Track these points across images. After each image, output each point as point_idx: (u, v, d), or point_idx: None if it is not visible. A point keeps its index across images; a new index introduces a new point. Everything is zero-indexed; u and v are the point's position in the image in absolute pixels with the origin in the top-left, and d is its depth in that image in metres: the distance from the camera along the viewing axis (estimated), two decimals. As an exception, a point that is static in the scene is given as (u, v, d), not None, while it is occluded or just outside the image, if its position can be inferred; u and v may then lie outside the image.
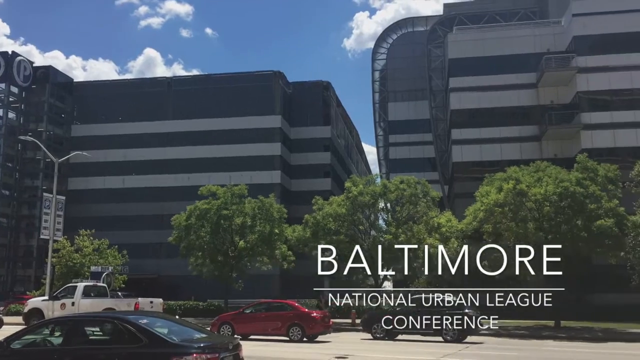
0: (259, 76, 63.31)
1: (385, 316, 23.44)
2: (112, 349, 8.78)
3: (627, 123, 44.05)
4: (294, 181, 63.54)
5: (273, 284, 53.24)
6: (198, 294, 43.20)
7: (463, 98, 49.93)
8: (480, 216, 30.61)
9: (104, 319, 9.78)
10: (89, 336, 9.35)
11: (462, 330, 21.77)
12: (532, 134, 48.44)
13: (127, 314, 11.14)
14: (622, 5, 46.07)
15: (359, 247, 25.66)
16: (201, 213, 34.25)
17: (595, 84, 45.77)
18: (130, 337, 8.63)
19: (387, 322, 23.15)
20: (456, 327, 21.72)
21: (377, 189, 33.46)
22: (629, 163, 38.02)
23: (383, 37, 73.66)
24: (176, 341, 8.67)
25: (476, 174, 43.77)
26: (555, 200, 28.85)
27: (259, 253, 34.63)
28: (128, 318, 9.08)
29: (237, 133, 60.35)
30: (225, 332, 22.37)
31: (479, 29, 54.06)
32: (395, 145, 68.64)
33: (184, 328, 9.76)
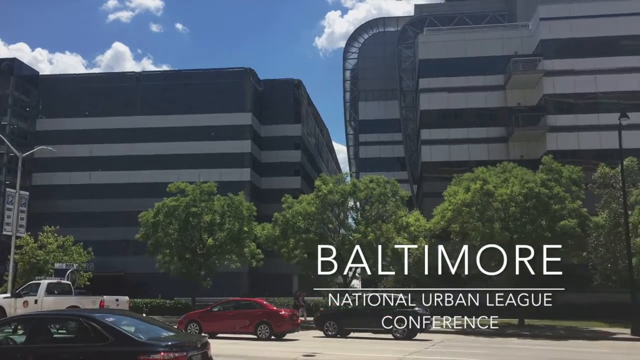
0: (230, 73, 62.88)
1: (337, 315, 23.79)
2: (77, 347, 8.63)
3: (591, 126, 45.10)
4: (264, 179, 63.33)
5: (242, 282, 53.02)
6: (165, 291, 42.76)
7: (432, 99, 50.45)
8: (448, 216, 31.01)
9: (69, 317, 9.62)
10: (53, 334, 9.19)
11: (410, 328, 22.38)
12: (500, 135, 49.23)
13: (93, 311, 10.98)
14: (587, 11, 47.14)
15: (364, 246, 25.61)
16: (169, 210, 33.89)
17: (561, 87, 46.73)
18: (95, 336, 8.50)
19: (339, 320, 23.45)
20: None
21: (346, 187, 33.59)
22: (592, 165, 38.96)
23: (354, 36, 73.94)
24: (143, 339, 8.56)
25: (445, 174, 44.30)
26: (521, 201, 29.41)
27: (228, 251, 34.44)
28: (93, 316, 8.94)
29: (207, 130, 59.85)
30: (192, 330, 22.21)
31: (449, 30, 54.69)
32: (365, 145, 68.98)
33: (151, 326, 9.65)
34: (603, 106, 45.18)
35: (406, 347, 19.10)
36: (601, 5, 47.34)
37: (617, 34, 46.54)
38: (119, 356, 8.32)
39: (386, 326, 22.43)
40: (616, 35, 46.56)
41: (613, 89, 45.39)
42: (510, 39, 50.79)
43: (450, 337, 24.63)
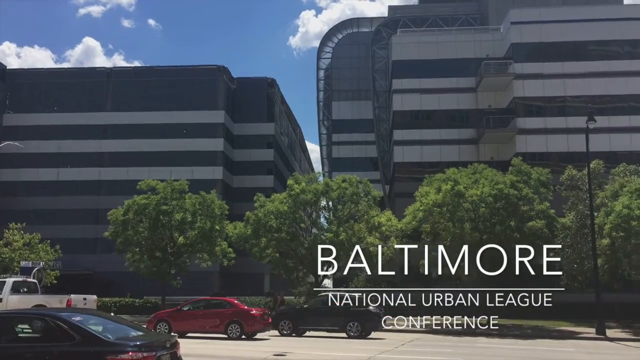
0: (203, 70, 62.39)
1: (292, 314, 23.86)
2: (42, 347, 8.47)
3: (559, 129, 45.97)
4: (236, 177, 63.02)
5: (213, 281, 52.72)
6: (134, 290, 42.25)
7: (405, 100, 50.83)
8: (420, 216, 31.28)
9: (35, 316, 9.41)
10: (18, 334, 9.00)
11: (364, 327, 22.71)
12: (471, 137, 49.85)
13: (59, 310, 10.79)
14: (557, 16, 48.08)
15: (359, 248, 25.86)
16: (139, 208, 33.46)
17: (530, 90, 47.54)
18: (62, 335, 8.36)
19: (294, 320, 23.50)
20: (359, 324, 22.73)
21: (319, 187, 33.62)
22: (559, 167, 39.79)
23: (328, 36, 74.06)
24: (111, 339, 8.45)
25: (416, 175, 44.69)
26: (491, 202, 29.82)
27: (199, 250, 34.17)
28: (60, 315, 8.79)
29: (179, 127, 59.31)
30: (162, 329, 21.97)
31: (422, 32, 55.19)
32: (338, 144, 69.16)
33: (119, 326, 9.54)
34: (571, 109, 46.12)
35: (375, 346, 19.21)
36: (570, 10, 48.33)
37: (585, 39, 47.57)
38: (86, 356, 8.19)
39: (341, 325, 22.77)
40: (584, 40, 47.58)
41: (581, 92, 46.38)
42: (481, 41, 51.49)
43: (419, 336, 24.86)
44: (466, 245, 30.86)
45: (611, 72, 46.61)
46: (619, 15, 48.52)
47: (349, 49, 71.14)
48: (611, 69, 46.78)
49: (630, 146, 45.55)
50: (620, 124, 45.49)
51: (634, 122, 45.90)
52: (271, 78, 67.80)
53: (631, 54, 47.55)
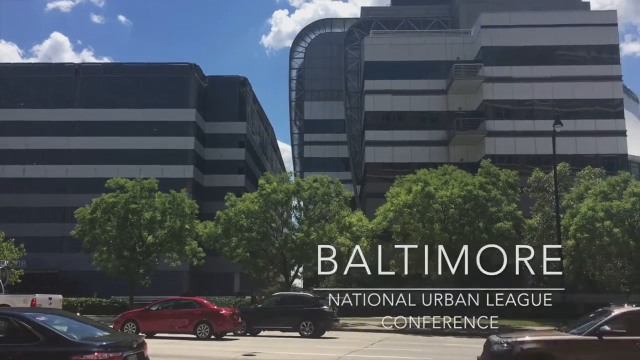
0: (174, 68, 61.75)
1: (246, 313, 23.84)
2: (5, 347, 8.29)
3: (527, 132, 46.80)
4: (207, 176, 62.55)
5: (182, 280, 52.25)
6: (102, 290, 41.63)
7: (377, 100, 51.14)
8: (390, 216, 31.52)
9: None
10: (-20, 334, 8.78)
11: (318, 327, 22.91)
12: (441, 138, 50.40)
13: (23, 310, 10.59)
14: (526, 20, 48.93)
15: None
16: (108, 206, 32.96)
17: (499, 93, 48.28)
18: (26, 335, 8.21)
19: (248, 319, 23.48)
20: (312, 324, 22.86)
21: (290, 187, 33.59)
22: (527, 169, 40.52)
23: (301, 36, 74.05)
24: (76, 339, 8.33)
25: (387, 175, 44.99)
26: (460, 203, 30.21)
27: (168, 249, 33.82)
28: (24, 315, 8.63)
29: (149, 125, 58.56)
30: (129, 330, 21.67)
31: (395, 34, 55.57)
32: (310, 144, 69.20)
33: (85, 326, 9.41)
34: (539, 113, 46.99)
35: (345, 345, 19.28)
36: (539, 15, 49.22)
37: (553, 44, 48.51)
38: (50, 356, 8.06)
39: (294, 325, 22.91)
40: (552, 45, 48.52)
41: (548, 96, 47.29)
42: (452, 44, 52.10)
43: (389, 335, 25.03)
44: (441, 245, 31.28)
45: (578, 77, 47.66)
46: (586, 21, 49.64)
47: (322, 49, 71.23)
48: (578, 74, 47.82)
49: (596, 149, 46.64)
50: (586, 128, 46.53)
51: (599, 126, 47.00)
52: (243, 77, 67.52)
53: (597, 59, 48.65)
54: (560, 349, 10.45)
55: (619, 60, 49.40)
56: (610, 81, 48.09)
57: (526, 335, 11.32)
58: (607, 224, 28.02)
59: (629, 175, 32.70)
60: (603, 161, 44.71)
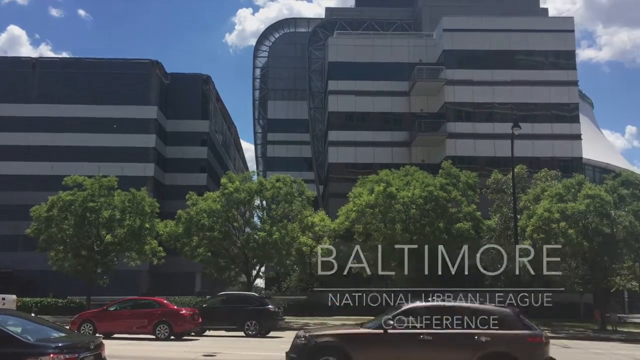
0: (135, 64, 60.68)
1: None
2: (-45, 349, 8.04)
3: (486, 134, 47.72)
4: (168, 175, 61.74)
5: (141, 280, 51.46)
6: (58, 290, 40.63)
7: (340, 101, 51.36)
8: (352, 216, 31.74)
9: (-53, 317, 8.91)
10: None
11: (263, 326, 23.11)
12: (404, 140, 50.95)
13: (-25, 311, 10.25)
14: (487, 25, 49.86)
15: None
16: (65, 205, 32.23)
17: (460, 96, 49.08)
18: (-23, 337, 7.97)
19: None
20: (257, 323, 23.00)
21: (253, 186, 33.49)
22: (486, 171, 41.31)
23: (265, 35, 73.79)
24: (31, 341, 8.14)
25: (350, 176, 45.25)
26: (421, 204, 30.64)
27: (128, 248, 33.28)
28: (-25, 316, 8.38)
29: (109, 122, 57.42)
30: (86, 330, 21.25)
31: (358, 35, 55.92)
32: (273, 144, 69.03)
33: (40, 327, 9.22)
34: (498, 116, 47.92)
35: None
36: (498, 20, 50.22)
37: (513, 48, 49.59)
38: (4, 358, 7.85)
39: (239, 324, 22.97)
40: (511, 49, 49.59)
41: (507, 100, 48.27)
42: (415, 47, 52.72)
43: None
44: (406, 245, 31.64)
45: (536, 81, 48.81)
46: (544, 27, 50.88)
47: (286, 48, 71.13)
48: (536, 78, 48.99)
49: (552, 152, 47.87)
50: (543, 131, 47.73)
51: (555, 130, 48.27)
52: (206, 75, 66.86)
53: (554, 65, 49.93)
54: (349, 342, 11.16)
55: (575, 65, 50.77)
56: (566, 86, 49.41)
57: (325, 330, 12.29)
58: (562, 225, 28.79)
59: (584, 178, 33.65)
60: (559, 164, 45.97)
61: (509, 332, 10.85)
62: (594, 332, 29.07)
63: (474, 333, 10.80)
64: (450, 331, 10.94)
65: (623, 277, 35.84)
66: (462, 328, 10.91)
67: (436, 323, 11.12)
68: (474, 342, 10.71)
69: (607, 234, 29.83)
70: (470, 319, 11.04)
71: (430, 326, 11.08)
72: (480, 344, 10.69)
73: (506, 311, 11.28)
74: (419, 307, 11.71)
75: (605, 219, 29.85)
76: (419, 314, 11.43)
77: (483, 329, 10.82)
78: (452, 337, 10.91)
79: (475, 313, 11.17)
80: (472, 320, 11.00)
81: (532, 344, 10.83)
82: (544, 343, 11.01)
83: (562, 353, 20.15)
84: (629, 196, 30.81)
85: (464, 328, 10.91)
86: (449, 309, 11.44)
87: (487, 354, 10.65)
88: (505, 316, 11.08)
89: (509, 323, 10.95)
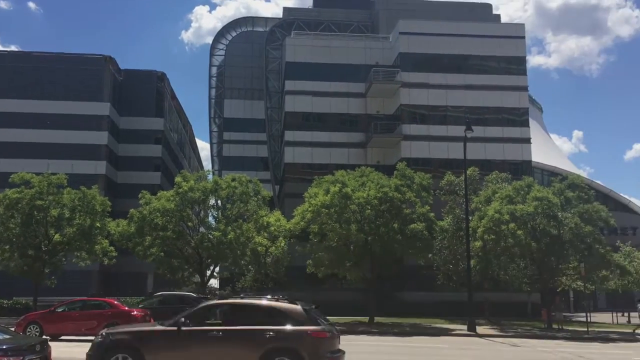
0: (87, 59, 59.16)
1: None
2: None
3: (440, 136, 48.52)
4: (121, 173, 60.48)
5: (91, 280, 50.25)
6: (3, 291, 39.25)
7: (297, 101, 51.35)
8: (308, 217, 31.80)
9: None
10: None
11: None
12: (359, 141, 51.32)
13: None
14: (442, 29, 50.71)
15: None
16: (11, 202, 31.14)
17: (416, 99, 49.75)
18: None
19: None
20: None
21: (208, 185, 33.14)
22: (440, 173, 42.07)
23: (222, 33, 73.09)
24: (-28, 343, 7.85)
25: (306, 176, 45.31)
26: (376, 204, 30.96)
27: (77, 248, 32.40)
28: None
29: (59, 118, 55.81)
30: (32, 332, 20.62)
31: (316, 35, 56.04)
32: (229, 143, 68.45)
33: (-18, 329, 8.88)
34: (452, 119, 48.81)
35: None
36: (453, 25, 51.16)
37: (466, 53, 50.59)
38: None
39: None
40: (465, 54, 50.59)
41: (461, 103, 49.25)
42: (372, 49, 53.18)
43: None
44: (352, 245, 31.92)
45: (488, 86, 49.95)
46: (496, 33, 52.06)
47: (243, 47, 70.62)
48: (488, 83, 50.13)
49: (503, 155, 49.08)
50: (495, 135, 48.87)
51: (506, 133, 49.50)
52: (161, 72, 65.73)
53: (505, 70, 51.18)
54: (142, 339, 11.46)
55: (525, 71, 52.14)
56: (517, 91, 50.70)
57: (123, 328, 12.84)
58: (512, 227, 29.56)
59: (532, 181, 34.63)
60: (509, 166, 47.18)
61: (294, 328, 11.31)
62: (540, 331, 29.93)
63: (261, 329, 11.26)
64: (239, 328, 11.40)
65: (569, 277, 37.13)
66: (253, 325, 11.39)
67: (229, 320, 11.68)
68: (260, 338, 11.20)
69: (554, 235, 30.78)
70: (261, 316, 11.60)
71: (222, 323, 11.63)
72: (265, 340, 11.15)
73: (295, 308, 11.70)
74: (214, 305, 12.38)
75: (552, 221, 30.80)
76: (213, 312, 12.08)
77: (270, 326, 11.31)
78: (240, 334, 11.36)
79: (266, 310, 11.73)
80: (263, 317, 11.55)
81: (316, 338, 11.30)
82: (328, 338, 11.54)
83: (510, 352, 20.71)
84: (575, 199, 31.88)
85: (254, 325, 11.38)
86: (242, 306, 12.05)
87: (272, 348, 11.08)
88: (293, 313, 11.56)
89: (297, 319, 11.44)
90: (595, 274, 33.35)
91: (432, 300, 41.47)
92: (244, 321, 11.53)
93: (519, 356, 19.27)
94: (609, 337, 27.69)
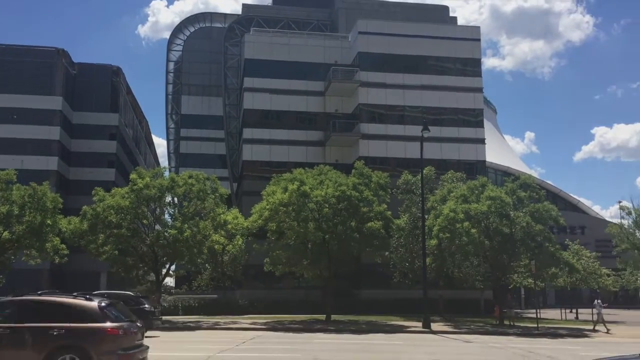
0: (38, 52, 57.45)
1: None
2: None
3: (398, 136, 49.03)
4: (73, 169, 58.96)
5: (42, 279, 48.91)
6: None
7: (256, 98, 51.05)
8: (266, 215, 31.69)
9: None
10: None
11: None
12: (318, 139, 51.40)
13: None
14: (400, 30, 51.22)
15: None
16: (-43, 199, 30.01)
17: (374, 98, 50.11)
18: None
19: None
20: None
21: (164, 182, 32.62)
22: (397, 172, 42.56)
23: (180, 28, 72.07)
24: None
25: (264, 174, 45.14)
26: (334, 203, 31.08)
27: (27, 245, 31.40)
28: None
29: (8, 112, 54.05)
30: None
31: (275, 33, 55.81)
32: (186, 140, 67.61)
33: None
34: (409, 118, 49.37)
35: (216, 345, 19.14)
36: (411, 26, 51.77)
37: (423, 54, 51.21)
38: None
39: None
40: (422, 55, 51.21)
41: (418, 103, 49.87)
42: (331, 47, 53.31)
43: (261, 333, 25.19)
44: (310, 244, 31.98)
45: (444, 87, 50.73)
46: (453, 35, 52.90)
47: (201, 43, 69.81)
48: (444, 84, 50.90)
49: (458, 155, 49.94)
50: (450, 135, 49.68)
51: (461, 134, 50.39)
52: (116, 66, 64.41)
53: (461, 71, 52.07)
54: None
55: (480, 73, 53.17)
56: (472, 92, 51.65)
57: None
58: (466, 225, 30.14)
59: (486, 180, 35.38)
60: (464, 166, 48.08)
61: (81, 325, 11.24)
62: (492, 327, 30.63)
63: (47, 327, 11.07)
64: (27, 325, 11.14)
65: (520, 275, 38.14)
66: (44, 322, 11.19)
67: (23, 318, 11.36)
68: (47, 335, 11.00)
69: (506, 234, 31.51)
70: (53, 313, 11.39)
71: (17, 322, 11.28)
72: (53, 337, 10.98)
73: (88, 304, 11.63)
74: (8, 302, 12.00)
75: (505, 220, 31.52)
76: (7, 308, 11.71)
77: (61, 323, 11.16)
78: (27, 331, 11.09)
79: (59, 307, 11.57)
80: (56, 315, 11.34)
81: (106, 335, 11.26)
82: (120, 335, 11.43)
83: (463, 347, 21.15)
84: (527, 198, 32.70)
85: (45, 322, 11.18)
86: (37, 303, 11.78)
87: (59, 346, 10.93)
88: (86, 309, 11.50)
89: (88, 316, 11.36)
90: (545, 272, 34.26)
91: (389, 297, 41.91)
92: (37, 319, 11.23)
93: (470, 351, 19.69)
94: (557, 332, 28.59)
